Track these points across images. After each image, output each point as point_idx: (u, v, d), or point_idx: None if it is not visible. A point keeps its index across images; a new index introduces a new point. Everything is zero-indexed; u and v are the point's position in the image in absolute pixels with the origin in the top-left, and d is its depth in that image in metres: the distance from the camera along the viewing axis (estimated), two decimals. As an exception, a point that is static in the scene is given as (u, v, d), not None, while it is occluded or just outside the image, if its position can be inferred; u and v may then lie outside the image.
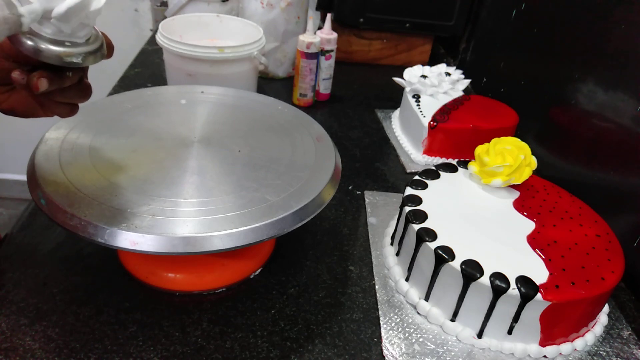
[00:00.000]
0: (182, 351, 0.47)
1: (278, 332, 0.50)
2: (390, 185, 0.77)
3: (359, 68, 1.23)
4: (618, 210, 0.65)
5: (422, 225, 0.54)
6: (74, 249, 0.57)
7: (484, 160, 0.60)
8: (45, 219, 0.60)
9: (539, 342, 0.50)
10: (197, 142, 0.56)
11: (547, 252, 0.51)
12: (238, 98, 0.67)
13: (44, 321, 0.48)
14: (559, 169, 0.79)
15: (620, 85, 0.67)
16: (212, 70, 0.84)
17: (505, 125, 0.82)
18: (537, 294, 0.47)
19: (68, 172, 0.47)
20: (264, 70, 1.06)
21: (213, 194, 0.47)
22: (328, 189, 0.51)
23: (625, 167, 0.65)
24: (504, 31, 1.04)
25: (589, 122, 0.74)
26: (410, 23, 1.18)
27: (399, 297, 0.56)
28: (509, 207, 0.59)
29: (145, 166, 0.51)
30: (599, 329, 0.54)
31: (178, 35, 0.88)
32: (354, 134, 0.91)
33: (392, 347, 0.50)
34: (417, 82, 0.87)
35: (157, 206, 0.45)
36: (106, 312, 0.50)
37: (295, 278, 0.57)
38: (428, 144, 0.81)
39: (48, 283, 0.52)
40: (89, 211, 0.43)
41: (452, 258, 0.50)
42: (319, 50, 0.92)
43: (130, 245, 0.41)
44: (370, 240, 0.64)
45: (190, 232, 0.42)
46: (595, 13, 0.74)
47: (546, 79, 0.87)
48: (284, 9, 1.00)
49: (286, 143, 0.58)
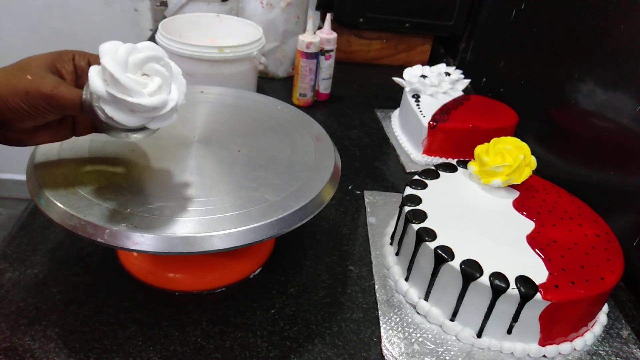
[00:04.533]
0: (181, 351, 0.47)
1: (278, 332, 0.50)
2: (390, 185, 0.77)
3: (359, 68, 1.23)
4: (618, 210, 0.65)
5: (422, 225, 0.54)
6: (74, 249, 0.57)
7: (483, 160, 0.60)
8: (44, 219, 0.60)
9: (538, 342, 0.50)
10: (196, 142, 0.56)
11: (547, 252, 0.51)
12: (238, 98, 0.67)
13: (44, 321, 0.48)
14: (558, 169, 0.79)
15: (620, 85, 0.67)
16: (212, 70, 0.84)
17: (505, 125, 0.82)
18: (537, 294, 0.47)
19: (68, 172, 0.47)
20: (264, 70, 1.06)
21: (213, 193, 0.47)
22: (328, 188, 0.51)
23: (625, 167, 0.65)
24: (504, 31, 1.04)
25: (589, 122, 0.74)
26: (410, 23, 1.18)
27: (399, 296, 0.56)
28: (508, 206, 0.59)
29: (145, 166, 0.51)
30: (599, 328, 0.54)
31: (178, 35, 0.88)
32: (354, 134, 0.91)
33: (391, 347, 0.50)
34: (417, 82, 0.87)
35: (157, 206, 0.45)
36: (106, 312, 0.50)
37: (294, 278, 0.57)
38: (428, 144, 0.81)
39: (48, 283, 0.52)
40: (88, 211, 0.43)
41: (452, 258, 0.50)
42: (319, 50, 0.92)
43: (130, 245, 0.41)
44: (369, 240, 0.64)
45: (190, 232, 0.42)
46: (595, 13, 0.74)
47: (546, 79, 0.87)
48: (284, 9, 1.00)
49: (286, 143, 0.58)
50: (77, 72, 0.42)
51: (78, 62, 0.42)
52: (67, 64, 0.42)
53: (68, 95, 0.39)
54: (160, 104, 0.40)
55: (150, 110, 0.40)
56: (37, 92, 0.38)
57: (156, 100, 0.40)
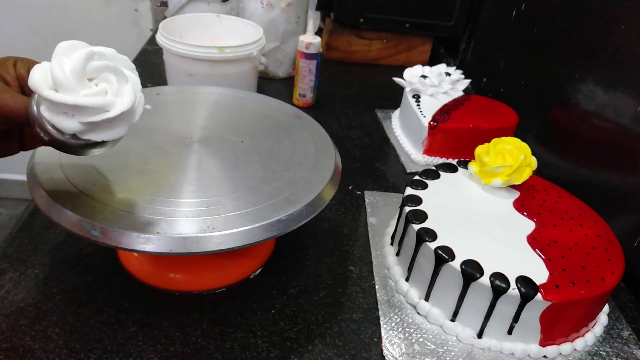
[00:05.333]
0: (182, 351, 0.47)
1: (278, 332, 0.50)
2: (390, 185, 0.77)
3: (359, 68, 1.23)
4: (618, 210, 0.65)
5: (422, 225, 0.54)
6: (74, 249, 0.57)
7: (484, 161, 0.60)
8: (45, 219, 0.60)
9: (539, 342, 0.50)
10: (197, 142, 0.56)
11: (547, 252, 0.51)
12: (238, 98, 0.67)
13: (44, 321, 0.48)
14: (559, 169, 0.79)
15: (620, 85, 0.67)
16: (212, 70, 0.84)
17: (505, 125, 0.82)
18: (537, 294, 0.47)
19: (68, 172, 0.47)
20: (264, 70, 1.06)
21: (213, 194, 0.47)
22: (328, 189, 0.51)
23: (625, 167, 0.65)
24: (504, 31, 1.04)
25: (589, 122, 0.74)
26: (410, 23, 1.18)
27: (399, 297, 0.56)
28: (509, 207, 0.59)
29: (145, 166, 0.51)
30: (599, 329, 0.54)
31: (178, 35, 0.88)
32: (354, 134, 0.91)
33: (392, 347, 0.50)
34: (417, 82, 0.87)
35: (157, 206, 0.45)
36: (106, 312, 0.50)
37: (295, 278, 0.57)
38: (428, 144, 0.81)
39: (48, 283, 0.52)
40: (88, 211, 0.43)
41: (452, 258, 0.50)
42: (319, 51, 0.92)
43: (130, 245, 0.41)
44: (370, 240, 0.64)
45: (190, 232, 0.42)
46: (595, 13, 0.74)
47: (546, 79, 0.87)
48: (284, 9, 1.00)
49: (286, 143, 0.58)
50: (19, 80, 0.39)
51: (19, 70, 0.38)
52: (10, 69, 0.38)
53: (12, 103, 0.35)
54: (101, 105, 0.37)
55: (89, 113, 0.36)
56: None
57: (96, 101, 0.36)
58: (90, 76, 0.37)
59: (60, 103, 0.35)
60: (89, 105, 0.36)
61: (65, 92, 0.35)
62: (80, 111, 0.36)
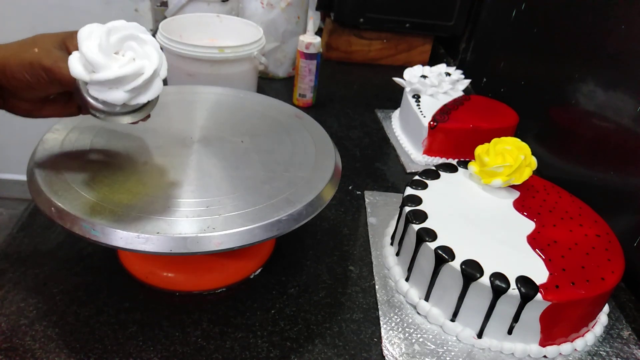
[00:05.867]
0: (182, 351, 0.47)
1: (278, 332, 0.50)
2: (390, 185, 0.77)
3: (359, 68, 1.23)
4: (618, 210, 0.65)
5: (422, 225, 0.54)
6: (74, 249, 0.57)
7: (484, 161, 0.60)
8: (45, 219, 0.60)
9: (539, 342, 0.50)
10: (197, 142, 0.56)
11: (547, 252, 0.51)
12: (238, 98, 0.67)
13: (44, 321, 0.48)
14: (559, 169, 0.79)
15: (620, 85, 0.67)
16: (212, 70, 0.84)
17: (505, 125, 0.82)
18: (537, 294, 0.47)
19: (68, 172, 0.47)
20: (264, 70, 1.06)
21: (213, 194, 0.47)
22: (328, 189, 0.51)
23: (626, 167, 0.65)
24: (504, 31, 1.04)
25: (589, 122, 0.74)
26: (410, 23, 1.18)
27: (399, 297, 0.56)
28: (509, 207, 0.59)
29: (145, 166, 0.51)
30: (599, 329, 0.54)
31: (178, 35, 0.88)
32: (354, 134, 0.91)
33: (392, 347, 0.50)
34: (417, 82, 0.87)
35: (157, 206, 0.45)
36: (106, 312, 0.50)
37: (295, 278, 0.57)
38: (428, 144, 0.81)
39: (48, 283, 0.52)
40: (89, 211, 0.43)
41: (452, 258, 0.50)
42: (319, 51, 0.92)
43: (130, 245, 0.41)
44: (370, 240, 0.64)
45: (190, 232, 0.42)
46: (595, 13, 0.74)
47: (546, 79, 0.87)
48: (284, 9, 1.00)
49: (286, 143, 0.58)
50: None
51: None
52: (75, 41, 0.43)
53: (65, 71, 0.41)
54: (136, 70, 0.41)
55: (129, 80, 0.41)
56: (39, 65, 0.41)
57: (131, 68, 0.41)
58: (116, 49, 0.42)
59: (104, 80, 0.40)
60: (127, 74, 0.41)
61: (103, 70, 0.40)
62: (121, 82, 0.41)
